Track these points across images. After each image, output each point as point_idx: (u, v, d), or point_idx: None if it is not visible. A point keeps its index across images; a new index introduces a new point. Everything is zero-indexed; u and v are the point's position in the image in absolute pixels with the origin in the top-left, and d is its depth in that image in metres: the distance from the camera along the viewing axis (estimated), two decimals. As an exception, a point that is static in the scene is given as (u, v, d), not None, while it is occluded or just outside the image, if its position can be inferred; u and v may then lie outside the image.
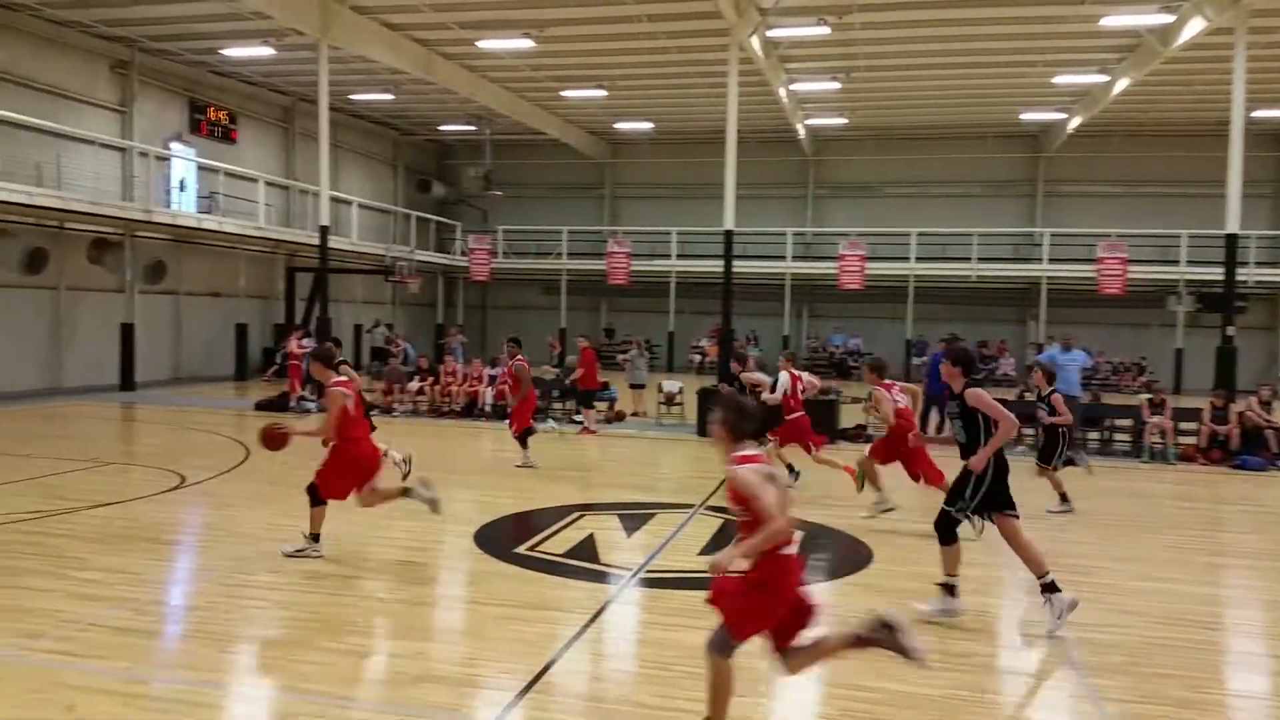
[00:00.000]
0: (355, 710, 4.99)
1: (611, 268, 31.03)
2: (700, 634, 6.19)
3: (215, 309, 25.73)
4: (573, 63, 24.14)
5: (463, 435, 16.47)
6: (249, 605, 6.73)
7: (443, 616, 6.84)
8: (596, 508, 10.19)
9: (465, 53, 23.44)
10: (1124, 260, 27.49)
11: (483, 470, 13.02)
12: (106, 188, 21.76)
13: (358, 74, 24.59)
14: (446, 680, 5.41)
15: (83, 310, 21.41)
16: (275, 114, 28.54)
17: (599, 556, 8.26)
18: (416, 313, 34.93)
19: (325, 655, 5.77)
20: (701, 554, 8.40)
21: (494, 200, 33.92)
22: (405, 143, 34.99)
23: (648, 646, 6.14)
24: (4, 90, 19.55)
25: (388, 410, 18.61)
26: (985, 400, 6.48)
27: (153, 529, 8.80)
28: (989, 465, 6.43)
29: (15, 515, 9.09)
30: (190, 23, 20.85)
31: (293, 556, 7.81)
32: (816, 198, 34.23)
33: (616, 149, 35.58)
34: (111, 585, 7.06)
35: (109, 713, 4.85)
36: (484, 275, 32.48)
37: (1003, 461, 6.51)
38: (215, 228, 23.64)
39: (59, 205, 19.07)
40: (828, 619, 4.78)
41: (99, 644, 5.81)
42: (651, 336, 32.19)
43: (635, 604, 7.11)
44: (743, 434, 4.55)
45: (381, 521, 9.30)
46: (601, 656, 6.07)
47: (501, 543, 8.61)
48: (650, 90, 26.97)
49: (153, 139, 23.47)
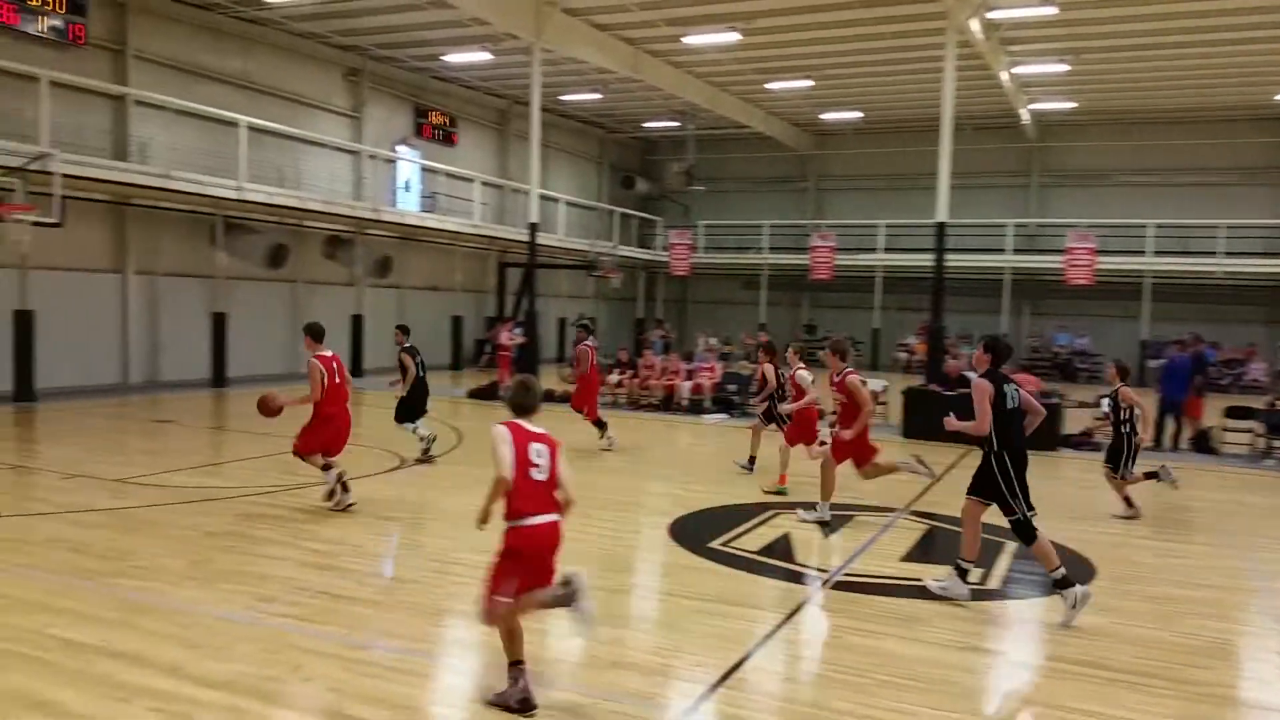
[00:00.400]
0: (552, 690, 5.09)
1: (814, 262, 30.46)
2: (901, 643, 6.00)
3: (433, 302, 27.24)
4: (779, 54, 23.86)
5: (659, 428, 16.64)
6: (456, 581, 7.03)
7: (637, 606, 6.90)
8: (793, 506, 10.00)
9: (671, 49, 23.67)
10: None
11: (678, 463, 13.11)
12: (339, 188, 23.53)
13: (568, 75, 25.35)
14: (640, 668, 5.45)
15: (317, 302, 23.21)
16: (491, 117, 29.89)
17: (795, 556, 8.09)
18: (617, 307, 35.68)
19: (525, 634, 5.93)
20: (903, 560, 8.08)
21: (695, 195, 34.10)
22: (611, 140, 35.77)
23: (843, 651, 5.95)
24: (253, 99, 21.48)
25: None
26: (977, 394, 6.63)
27: (373, 506, 9.39)
28: (1005, 470, 6.59)
29: (256, 488, 9.96)
30: (415, 30, 22.15)
31: (328, 501, 8.98)
32: (1041, 186, 32.21)
33: (821, 140, 34.92)
34: (336, 556, 7.58)
35: (331, 675, 5.18)
36: (684, 270, 32.72)
37: (1013, 459, 6.63)
38: (436, 225, 25.08)
39: (298, 205, 20.78)
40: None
41: (324, 610, 6.24)
42: (854, 333, 31.42)
43: (831, 607, 6.91)
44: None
45: (582, 510, 9.52)
46: (795, 658, 5.93)
47: (696, 537, 8.60)
48: (859, 78, 26.25)
49: (381, 143, 25.16)
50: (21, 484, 10.41)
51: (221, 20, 20.77)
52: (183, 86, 19.76)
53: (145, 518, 8.63)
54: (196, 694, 4.85)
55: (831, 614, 6.79)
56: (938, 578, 7.02)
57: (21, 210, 14.01)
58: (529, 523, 4.84)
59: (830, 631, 6.46)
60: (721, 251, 33.90)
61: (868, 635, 6.15)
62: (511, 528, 4.86)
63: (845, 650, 5.96)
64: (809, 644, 6.22)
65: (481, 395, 19.62)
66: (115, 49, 18.83)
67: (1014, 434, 6.70)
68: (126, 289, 19.23)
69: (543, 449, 4.93)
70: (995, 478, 6.64)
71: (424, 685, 5.27)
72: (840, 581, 7.37)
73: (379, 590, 6.99)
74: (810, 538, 8.75)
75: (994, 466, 6.65)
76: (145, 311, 19.56)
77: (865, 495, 10.51)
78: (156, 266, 19.79)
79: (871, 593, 7.11)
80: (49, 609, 6.02)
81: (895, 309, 31.33)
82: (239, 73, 21.41)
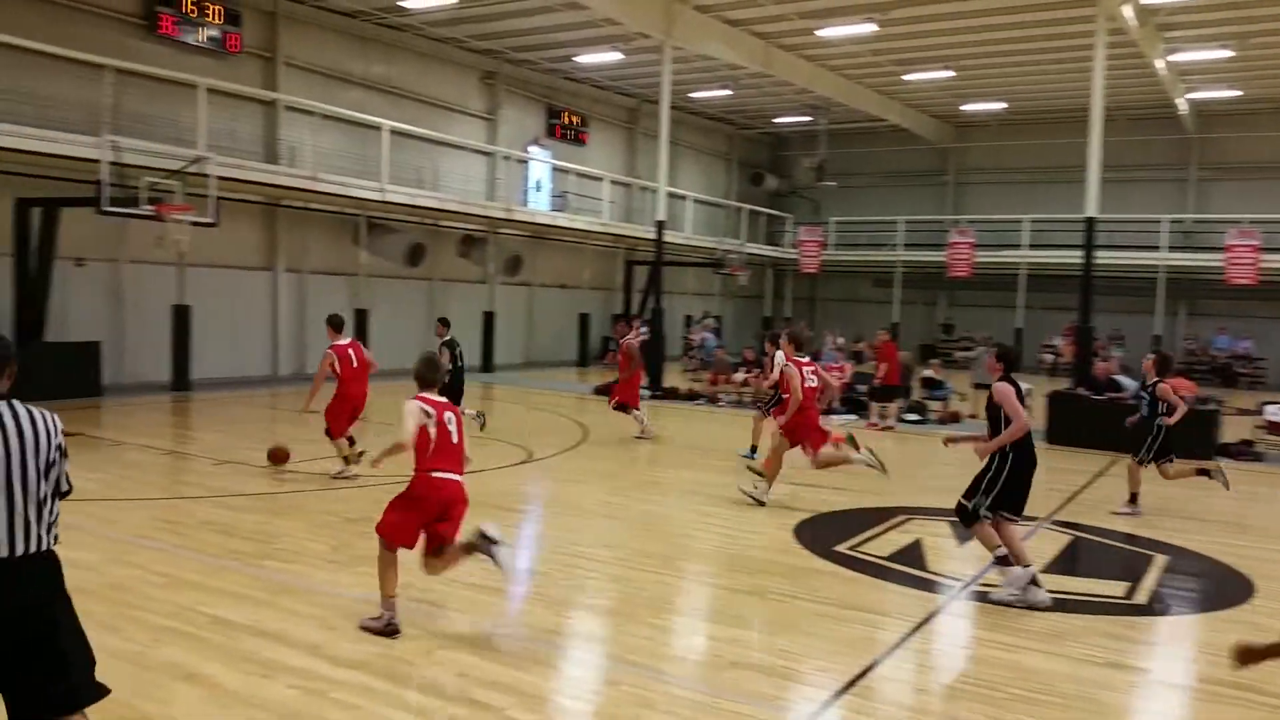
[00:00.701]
0: (674, 686, 5.08)
1: (952, 259, 29.47)
2: (1040, 658, 5.73)
3: (562, 299, 27.68)
4: (917, 45, 23.20)
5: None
6: (581, 574, 7.11)
7: (760, 607, 6.81)
8: (926, 512, 9.70)
9: (804, 43, 23.33)
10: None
11: (804, 463, 12.88)
12: (474, 189, 24.18)
13: (697, 72, 25.31)
14: (762, 670, 5.37)
15: (451, 299, 23.92)
16: (621, 116, 30.15)
17: (927, 563, 7.83)
18: (744, 305, 35.44)
19: (648, 630, 5.96)
20: (1044, 571, 7.71)
21: (826, 191, 33.53)
22: (740, 137, 35.55)
23: (977, 664, 5.72)
24: (394, 103, 22.29)
25: (713, 400, 19.01)
26: (1009, 398, 6.67)
27: (503, 497, 9.58)
28: (1005, 463, 6.66)
29: (391, 478, 10.29)
30: (548, 32, 22.53)
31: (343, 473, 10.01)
32: (1199, 180, 30.28)
33: (961, 132, 33.78)
34: (465, 546, 7.75)
35: (459, 660, 5.31)
36: (814, 267, 32.23)
37: (1024, 462, 6.72)
38: (565, 224, 25.48)
39: (436, 205, 21.46)
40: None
41: (455, 598, 6.40)
42: (994, 333, 30.28)
43: (965, 617, 6.65)
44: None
45: (706, 509, 9.52)
46: (925, 668, 5.73)
47: (822, 539, 8.43)
48: (1003, 68, 25.25)
49: (514, 143, 25.72)
50: (177, 468, 11.10)
51: (365, 27, 21.63)
52: (329, 92, 20.68)
53: (290, 503, 9.05)
54: (333, 673, 5.04)
55: (965, 624, 6.54)
56: (1000, 582, 6.89)
57: (180, 211, 14.89)
58: (436, 475, 5.60)
59: (963, 642, 6.22)
60: (853, 248, 33.21)
61: (1004, 648, 5.89)
62: (422, 475, 5.63)
63: (979, 662, 5.73)
64: (940, 654, 5.99)
65: (607, 392, 19.79)
66: (266, 57, 19.86)
67: (1024, 439, 6.82)
68: (277, 285, 20.26)
69: (452, 417, 5.74)
70: (989, 469, 6.78)
71: (548, 675, 5.34)
72: (976, 591, 7.09)
73: (507, 580, 7.12)
74: (944, 544, 8.45)
75: (994, 461, 6.77)
76: (293, 307, 20.56)
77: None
78: (304, 264, 20.79)
79: (1011, 604, 6.81)
80: (201, 588, 6.37)
81: (1040, 308, 29.99)
82: (381, 78, 22.26)
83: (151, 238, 15.66)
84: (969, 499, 6.84)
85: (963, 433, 7.04)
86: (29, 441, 3.35)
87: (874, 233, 33.21)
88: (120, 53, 16.38)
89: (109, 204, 14.24)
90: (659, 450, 13.42)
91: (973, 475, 6.91)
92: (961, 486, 7.03)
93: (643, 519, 9.24)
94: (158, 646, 5.32)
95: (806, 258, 32.07)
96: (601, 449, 12.97)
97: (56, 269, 15.61)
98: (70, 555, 6.98)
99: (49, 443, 3.42)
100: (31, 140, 14.17)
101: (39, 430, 3.40)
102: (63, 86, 15.63)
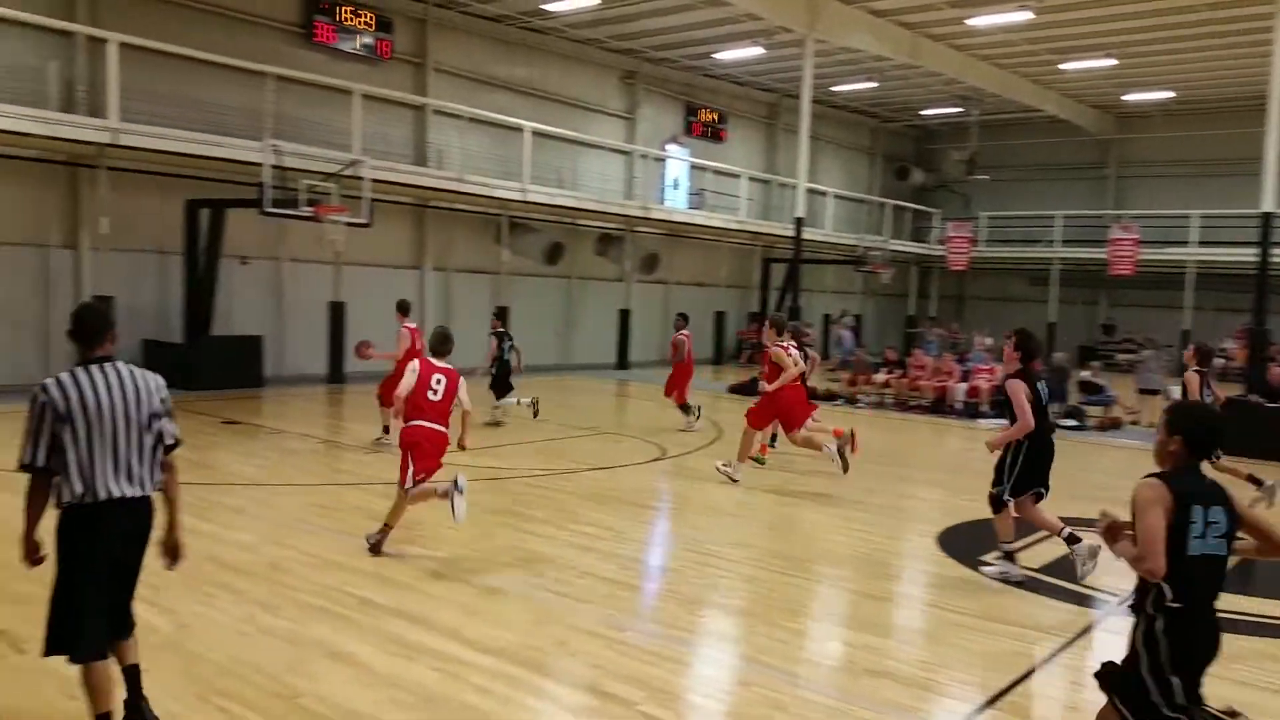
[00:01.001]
0: (806, 690, 4.97)
1: (1114, 256, 27.87)
2: (1205, 679, 5.30)
3: (698, 297, 27.65)
4: (1076, 32, 22.06)
5: (928, 431, 15.92)
6: (714, 573, 7.06)
7: (899, 615, 6.60)
8: (1080, 522, 9.18)
9: (953, 32, 22.56)
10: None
11: (949, 469, 12.46)
12: (612, 187, 24.42)
13: (840, 65, 24.83)
14: (899, 679, 5.19)
15: (588, 297, 24.25)
16: (760, 111, 29.88)
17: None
18: (886, 303, 34.53)
19: (781, 632, 5.86)
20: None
21: (976, 185, 32.33)
22: (884, 130, 34.67)
23: (1136, 683, 5.36)
24: (536, 104, 22.75)
25: (852, 400, 18.61)
26: (1016, 395, 6.86)
27: (636, 493, 9.64)
28: (1020, 451, 6.94)
29: (530, 471, 10.51)
30: (688, 30, 22.53)
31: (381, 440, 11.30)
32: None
33: (1124, 123, 31.95)
34: (601, 539, 7.83)
35: (593, 653, 5.34)
36: (962, 264, 31.10)
37: (1040, 450, 7.01)
38: (703, 222, 25.44)
39: (574, 204, 21.79)
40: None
41: (589, 590, 6.46)
42: (1159, 335, 28.53)
43: (1122, 633, 6.25)
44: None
45: (843, 512, 9.33)
46: (1078, 685, 5.40)
47: (967, 548, 8.09)
48: (1170, 54, 23.74)
49: (652, 142, 25.85)
50: (330, 456, 11.64)
51: (509, 31, 22.16)
52: (474, 95, 21.29)
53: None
54: (471, 658, 5.16)
55: (1122, 641, 6.14)
56: (991, 563, 7.33)
57: (336, 212, 15.62)
58: (417, 423, 6.99)
59: (1119, 660, 5.85)
60: (1005, 245, 31.90)
61: (1165, 668, 5.52)
62: (406, 427, 7.03)
63: (1137, 682, 5.38)
64: (1093, 672, 5.65)
65: (742, 390, 19.65)
66: (416, 62, 20.61)
67: (1042, 427, 7.01)
68: (424, 283, 21.02)
69: (441, 379, 7.03)
70: (1008, 456, 7.01)
71: (680, 671, 5.32)
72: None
73: (640, 576, 7.15)
74: (1100, 557, 7.98)
75: (1011, 448, 6.98)
76: (439, 304, 21.29)
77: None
78: (449, 263, 21.48)
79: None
80: (351, 570, 6.64)
81: (1210, 309, 28.07)
82: (524, 80, 22.76)
83: (310, 237, 16.51)
84: (994, 487, 7.13)
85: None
86: (130, 397, 3.88)
87: (1029, 228, 31.79)
88: (280, 60, 17.32)
89: (270, 205, 15.04)
90: (793, 451, 13.22)
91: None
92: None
93: (777, 520, 9.12)
94: (308, 625, 5.57)
95: (955, 254, 30.97)
96: (735, 448, 12.86)
97: (222, 267, 16.64)
98: (232, 536, 7.44)
99: (150, 398, 3.96)
100: (202, 145, 15.16)
101: (140, 388, 3.93)
102: (228, 93, 16.65)
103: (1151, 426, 16.50)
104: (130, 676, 4.09)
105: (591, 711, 4.64)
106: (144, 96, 15.32)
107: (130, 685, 4.09)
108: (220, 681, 4.74)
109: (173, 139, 14.80)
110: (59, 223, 15.71)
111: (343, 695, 4.65)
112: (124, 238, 15.88)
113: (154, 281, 16.81)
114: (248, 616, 5.67)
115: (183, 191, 16.34)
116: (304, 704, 4.55)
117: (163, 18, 16.32)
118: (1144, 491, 3.46)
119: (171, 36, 15.72)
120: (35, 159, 15.12)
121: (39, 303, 15.50)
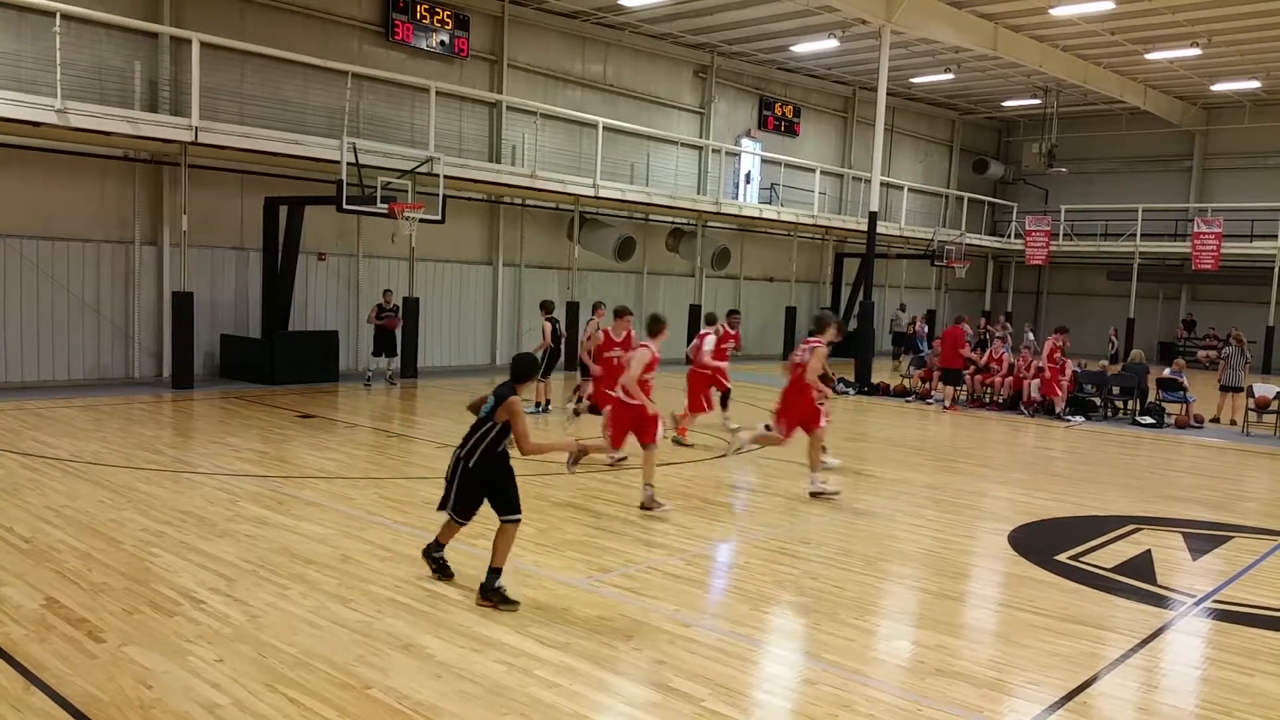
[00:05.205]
0: (874, 689, 4.95)
1: (1198, 250, 26.99)
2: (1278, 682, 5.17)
3: (769, 292, 27.50)
4: (1160, 21, 21.39)
5: (1002, 428, 15.61)
6: (781, 570, 7.05)
7: (969, 614, 6.52)
8: (1157, 522, 8.96)
9: (1034, 22, 22.04)
10: None
11: (1022, 467, 12.21)
12: (684, 182, 24.42)
13: (918, 56, 24.46)
14: (969, 679, 5.13)
15: (660, 291, 24.30)
16: (835, 104, 29.54)
17: (1156, 577, 7.23)
18: (961, 298, 33.89)
19: (848, 630, 5.83)
20: (1297, 593, 6.95)
21: (1056, 178, 31.50)
22: (962, 122, 34.00)
23: (1208, 685, 5.23)
24: (609, 100, 22.86)
25: (924, 397, 18.33)
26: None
27: (705, 489, 9.66)
28: None
29: (596, 466, 10.61)
30: (763, 24, 22.40)
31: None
32: None
33: (1210, 114, 30.87)
34: (667, 535, 7.88)
35: (658, 647, 5.39)
36: (1041, 259, 30.39)
37: None
38: (774, 217, 25.28)
39: (646, 200, 21.84)
40: None
41: (655, 585, 6.51)
42: (1246, 331, 27.50)
43: (1197, 635, 6.10)
44: None
45: (915, 510, 9.25)
46: (1150, 688, 5.29)
47: (1040, 547, 7.96)
48: (1258, 43, 22.88)
49: (725, 136, 25.77)
50: (403, 450, 11.88)
51: (585, 27, 22.29)
52: (549, 91, 21.49)
53: (503, 485, 9.47)
54: (538, 651, 5.25)
55: (1196, 643, 5.99)
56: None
57: (412, 209, 15.92)
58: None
59: (1193, 662, 5.70)
60: (1085, 238, 31.06)
61: (1239, 670, 5.39)
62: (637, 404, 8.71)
63: (1210, 684, 5.25)
64: (1167, 674, 5.52)
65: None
66: (492, 60, 20.87)
67: None
68: (497, 278, 21.30)
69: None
70: None
71: (744, 668, 5.33)
72: (1211, 609, 6.49)
73: (707, 571, 7.18)
74: (1176, 557, 7.78)
75: None
76: (511, 299, 21.55)
77: (1245, 516, 9.19)
78: (520, 258, 21.72)
79: (1249, 624, 6.23)
80: (421, 563, 6.75)
81: (1297, 303, 27.03)
82: (598, 76, 22.88)
83: (385, 234, 16.85)
84: None
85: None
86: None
87: (1109, 222, 30.92)
88: (359, 59, 17.72)
89: (347, 202, 15.41)
90: (865, 448, 13.11)
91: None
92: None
93: (847, 517, 9.05)
94: (380, 616, 5.72)
95: (1033, 248, 30.29)
96: (797, 446, 12.78)
97: (300, 262, 17.07)
98: (306, 529, 7.65)
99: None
100: (281, 143, 15.58)
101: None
102: (308, 92, 17.08)
103: (1234, 424, 15.96)
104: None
105: (656, 707, 4.68)
106: (225, 95, 15.81)
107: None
108: (292, 672, 4.86)
109: (253, 137, 15.24)
110: (142, 219, 16.30)
111: (411, 686, 4.76)
112: (204, 234, 16.42)
113: (233, 277, 17.37)
114: (319, 608, 5.83)
115: (262, 189, 16.82)
116: (373, 695, 4.66)
117: (243, 18, 16.82)
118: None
119: (252, 36, 16.19)
120: (120, 157, 15.73)
121: (121, 298, 16.12)
